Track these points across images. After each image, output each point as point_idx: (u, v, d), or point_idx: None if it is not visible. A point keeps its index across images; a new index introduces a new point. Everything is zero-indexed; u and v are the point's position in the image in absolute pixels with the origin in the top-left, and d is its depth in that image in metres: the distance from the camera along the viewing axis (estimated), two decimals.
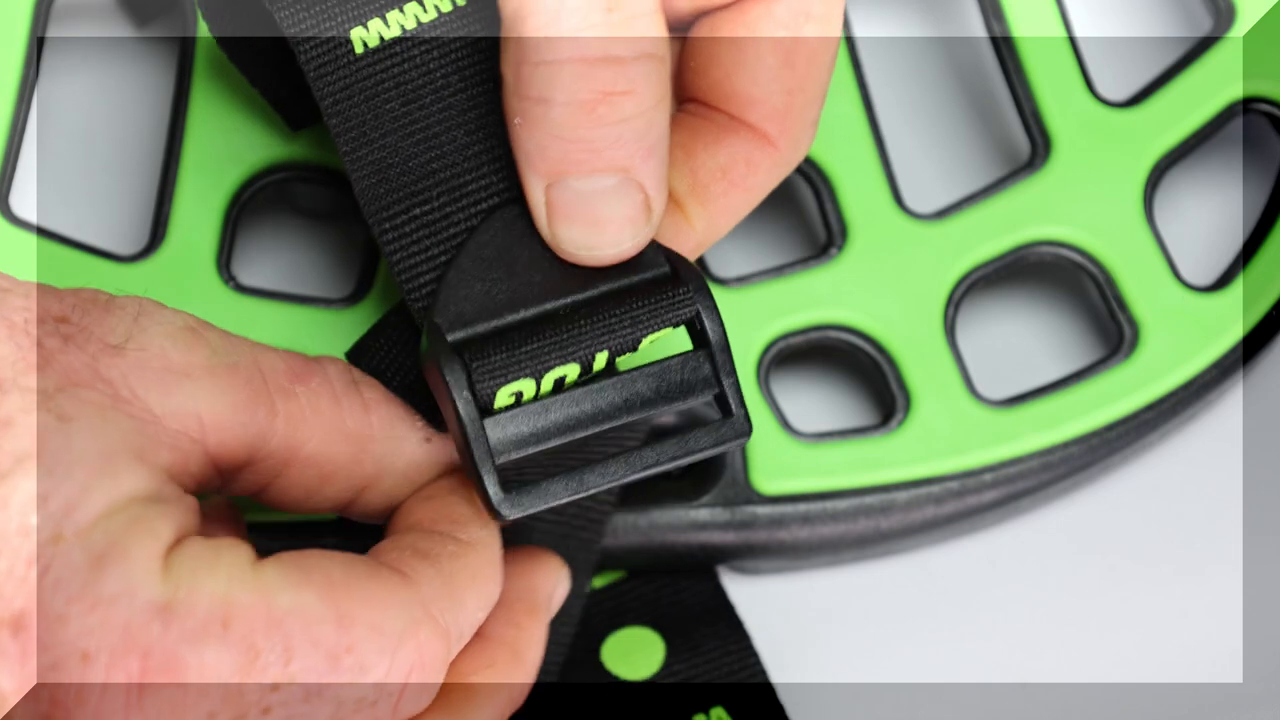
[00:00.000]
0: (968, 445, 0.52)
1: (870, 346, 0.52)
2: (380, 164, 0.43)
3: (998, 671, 0.53)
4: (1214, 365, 0.52)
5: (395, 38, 0.42)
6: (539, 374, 0.42)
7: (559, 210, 0.41)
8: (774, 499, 0.51)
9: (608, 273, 0.42)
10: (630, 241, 0.42)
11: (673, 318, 0.42)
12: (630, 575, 0.53)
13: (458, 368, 0.41)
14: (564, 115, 0.40)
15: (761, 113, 0.44)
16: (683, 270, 0.42)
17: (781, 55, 0.43)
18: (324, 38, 0.42)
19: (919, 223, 0.52)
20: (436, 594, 0.40)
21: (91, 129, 0.55)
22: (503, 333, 0.42)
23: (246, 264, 0.53)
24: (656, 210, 0.42)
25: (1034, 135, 0.52)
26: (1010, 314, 0.55)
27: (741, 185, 0.44)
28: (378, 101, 0.43)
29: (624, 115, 0.40)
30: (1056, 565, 0.54)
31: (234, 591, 0.38)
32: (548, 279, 0.42)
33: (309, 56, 0.42)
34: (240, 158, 0.50)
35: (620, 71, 0.40)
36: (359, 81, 0.42)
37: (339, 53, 0.42)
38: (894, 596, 0.53)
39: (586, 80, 0.40)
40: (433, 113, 0.43)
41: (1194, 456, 0.54)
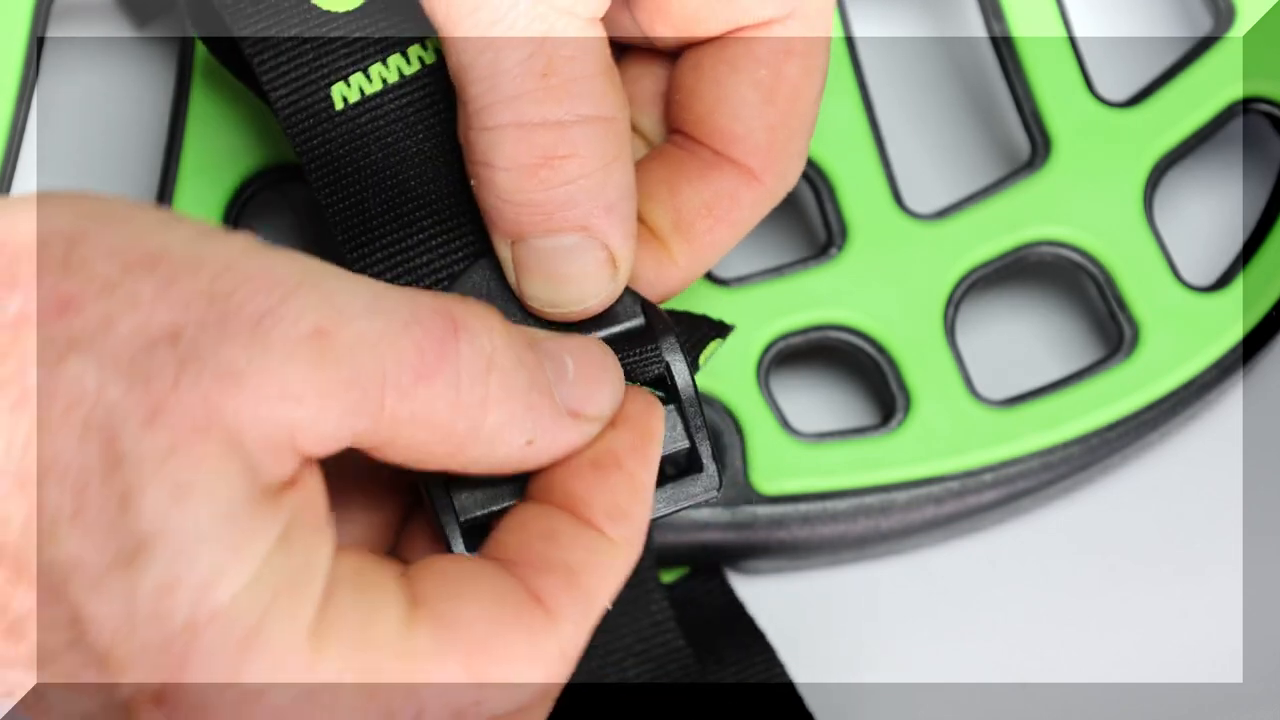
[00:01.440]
0: (968, 445, 0.52)
1: (870, 346, 0.52)
2: (360, 215, 0.43)
3: (998, 671, 0.53)
4: (1214, 365, 0.52)
5: (375, 92, 0.43)
6: None
7: (523, 267, 0.42)
8: (774, 499, 0.51)
9: (582, 325, 0.42)
10: (595, 298, 0.42)
11: (641, 375, 0.42)
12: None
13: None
14: (508, 180, 0.41)
15: (745, 149, 0.44)
16: (656, 323, 0.42)
17: (764, 92, 0.43)
18: (303, 95, 0.42)
19: (919, 223, 0.52)
20: (575, 630, 0.39)
21: (91, 129, 0.55)
22: None
23: None
24: (623, 265, 0.42)
25: (1034, 135, 0.52)
26: (1010, 314, 0.55)
27: (726, 220, 0.44)
28: (357, 155, 0.43)
29: (569, 177, 0.41)
30: (1056, 565, 0.54)
31: (384, 663, 0.37)
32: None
33: (286, 114, 0.42)
34: (240, 158, 0.50)
35: (561, 135, 0.40)
36: (338, 136, 0.43)
37: (318, 109, 0.42)
38: (894, 596, 0.53)
39: (526, 145, 0.40)
40: (413, 164, 0.43)
41: (1194, 456, 0.54)
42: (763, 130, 0.43)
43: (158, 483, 0.35)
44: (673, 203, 0.44)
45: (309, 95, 0.43)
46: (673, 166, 0.44)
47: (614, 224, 0.41)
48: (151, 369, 0.35)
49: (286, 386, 0.36)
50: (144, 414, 0.35)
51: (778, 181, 0.44)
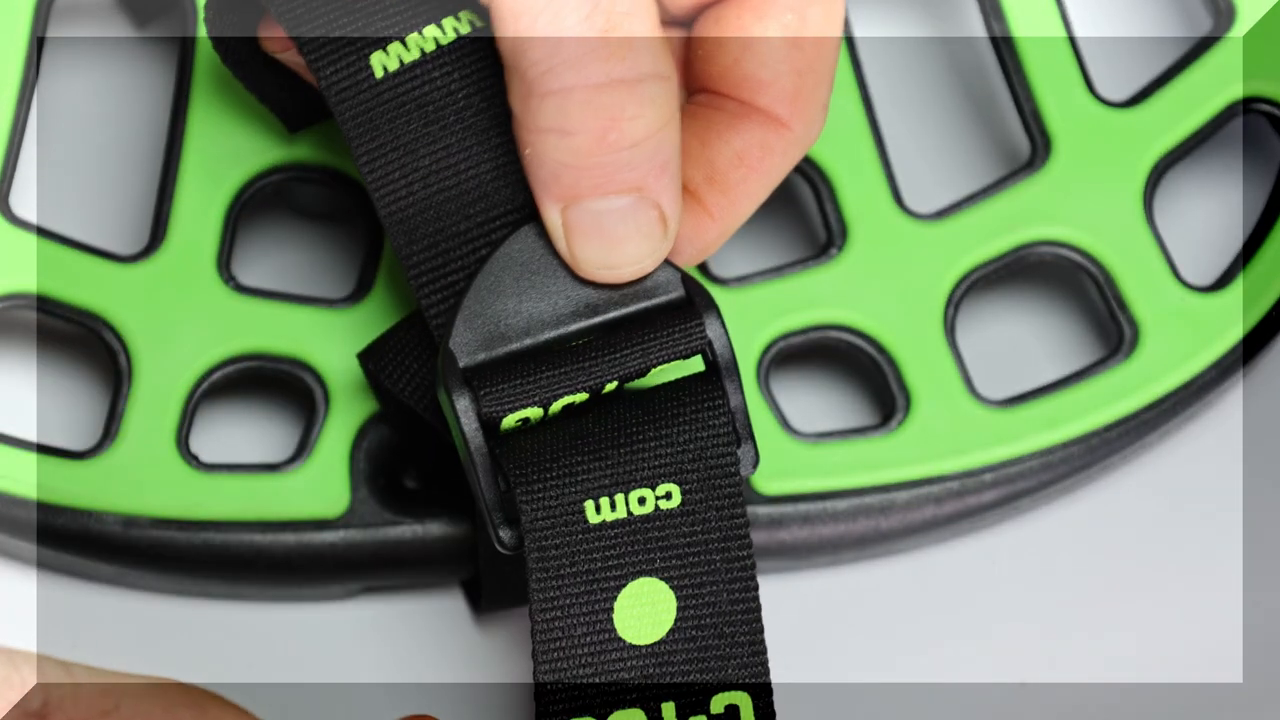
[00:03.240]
0: (968, 445, 0.52)
1: (870, 346, 0.52)
2: (402, 182, 0.43)
3: (998, 671, 0.53)
4: (1214, 365, 0.52)
5: (414, 61, 0.43)
6: (547, 403, 0.42)
7: (576, 231, 0.42)
8: (774, 499, 0.51)
9: (623, 297, 0.43)
10: (649, 258, 0.42)
11: (685, 349, 0.42)
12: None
13: (467, 397, 0.42)
14: (577, 144, 0.41)
15: (772, 96, 0.44)
16: (696, 296, 0.43)
17: (789, 38, 0.44)
18: (344, 64, 0.43)
19: (919, 223, 0.52)
20: None
21: (92, 129, 0.55)
22: (515, 359, 0.42)
23: (246, 264, 0.53)
24: (672, 225, 0.42)
25: (1034, 135, 0.52)
26: (1010, 314, 0.55)
27: (758, 170, 0.44)
28: (399, 124, 0.43)
29: (635, 139, 0.41)
30: (1056, 565, 0.54)
31: None
32: (563, 304, 0.43)
33: (330, 82, 0.43)
34: (240, 158, 0.50)
35: (629, 95, 0.40)
36: (379, 105, 0.43)
37: (359, 78, 0.43)
38: (894, 596, 0.53)
39: (594, 108, 0.40)
40: (454, 133, 0.43)
41: (1194, 456, 0.54)
42: (790, 75, 0.44)
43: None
44: (704, 156, 0.44)
45: (349, 64, 0.43)
46: (701, 122, 0.44)
47: (666, 184, 0.42)
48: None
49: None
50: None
51: (806, 129, 0.44)
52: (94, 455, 0.49)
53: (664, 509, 0.42)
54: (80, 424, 0.53)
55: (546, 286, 0.43)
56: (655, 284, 0.43)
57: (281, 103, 0.49)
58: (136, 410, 0.49)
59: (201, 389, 0.50)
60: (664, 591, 0.41)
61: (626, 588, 0.41)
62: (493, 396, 0.42)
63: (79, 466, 0.49)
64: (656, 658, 0.41)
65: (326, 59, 0.43)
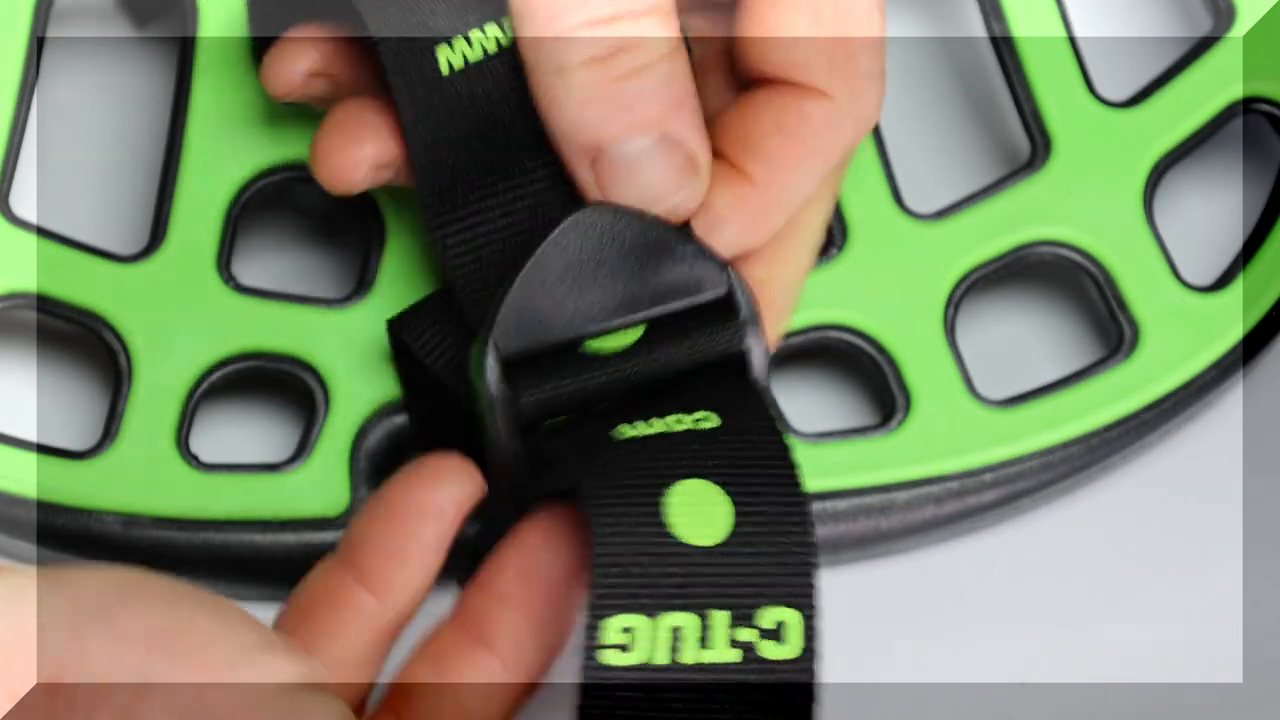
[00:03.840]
0: (968, 445, 0.52)
1: (870, 346, 0.52)
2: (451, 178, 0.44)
3: (998, 671, 0.53)
4: (1214, 365, 0.52)
5: (478, 60, 0.43)
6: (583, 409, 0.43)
7: (606, 181, 0.42)
8: None
9: (667, 291, 0.43)
10: (682, 195, 0.43)
11: (716, 348, 0.43)
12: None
13: (506, 393, 0.42)
14: (583, 77, 0.41)
15: (807, 72, 0.44)
16: (740, 298, 0.43)
17: (809, 14, 0.43)
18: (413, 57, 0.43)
19: (919, 222, 0.52)
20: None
21: (92, 129, 0.55)
22: (554, 357, 0.43)
23: (247, 264, 0.53)
24: (703, 163, 0.43)
25: (1034, 135, 0.52)
26: (1010, 314, 0.55)
27: (797, 136, 0.44)
28: (457, 119, 0.44)
29: (640, 63, 0.41)
30: (1057, 565, 0.53)
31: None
32: (606, 298, 0.43)
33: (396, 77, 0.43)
34: (240, 158, 0.50)
35: (632, 24, 0.41)
36: (443, 101, 0.44)
37: (426, 71, 0.43)
38: (894, 596, 0.53)
39: (593, 41, 0.41)
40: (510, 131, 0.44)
41: (1194, 456, 0.54)
42: (818, 52, 0.44)
43: None
44: (742, 127, 0.44)
45: (417, 58, 0.43)
46: (743, 99, 0.44)
47: (685, 118, 0.42)
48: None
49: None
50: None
51: (849, 98, 0.44)
52: (94, 455, 0.49)
53: (704, 429, 0.42)
54: (80, 424, 0.53)
55: (589, 282, 0.43)
56: (700, 278, 0.43)
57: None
58: (136, 410, 0.49)
59: (201, 389, 0.50)
60: (718, 495, 0.40)
61: (677, 485, 0.40)
62: (531, 398, 0.43)
63: (79, 466, 0.49)
64: (712, 562, 0.40)
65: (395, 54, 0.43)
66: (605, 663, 0.38)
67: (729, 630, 0.39)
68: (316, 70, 0.46)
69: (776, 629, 0.40)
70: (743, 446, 0.41)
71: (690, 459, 0.41)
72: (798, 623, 0.40)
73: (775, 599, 0.40)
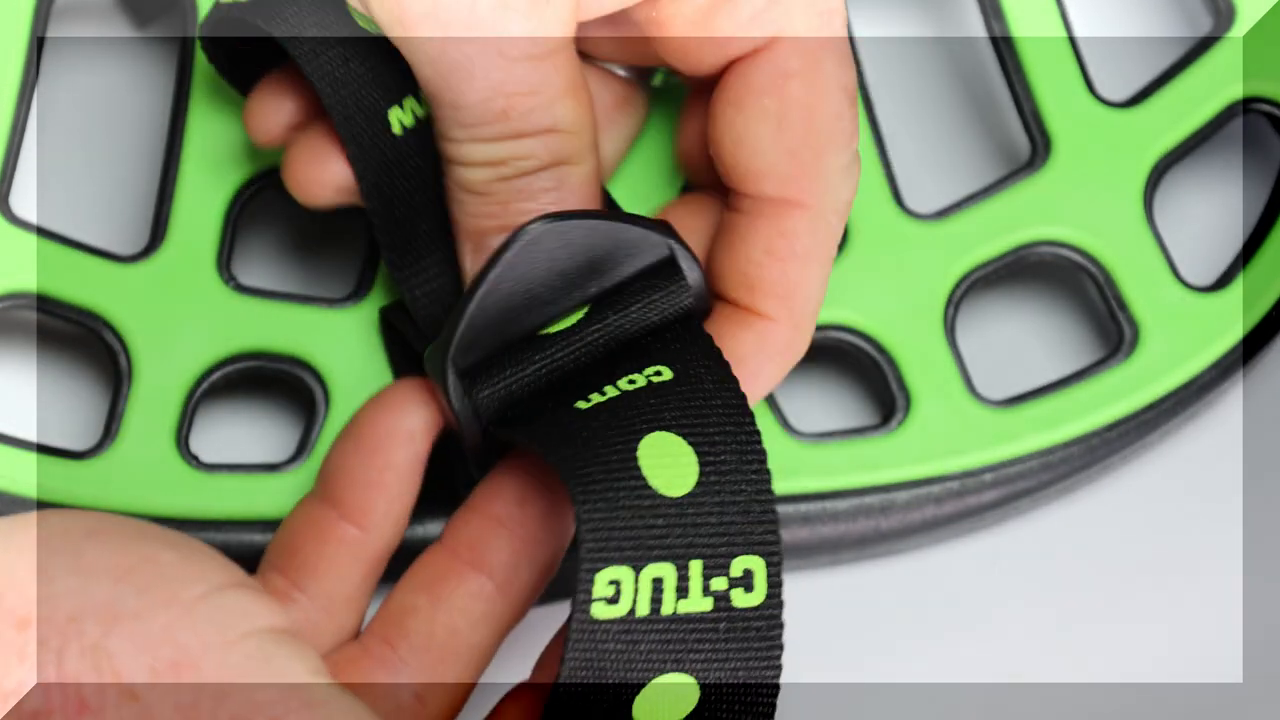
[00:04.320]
0: (968, 445, 0.52)
1: (870, 346, 0.52)
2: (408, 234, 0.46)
3: (998, 671, 0.53)
4: (1214, 365, 0.52)
5: (427, 116, 0.44)
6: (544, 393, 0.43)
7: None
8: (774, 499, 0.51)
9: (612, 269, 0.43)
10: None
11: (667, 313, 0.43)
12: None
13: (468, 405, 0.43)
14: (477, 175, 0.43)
15: (776, 181, 0.44)
16: (681, 258, 0.43)
17: (773, 121, 0.43)
18: (366, 121, 0.45)
19: (919, 223, 0.52)
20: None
21: (92, 129, 0.55)
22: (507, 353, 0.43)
23: (247, 264, 0.53)
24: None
25: (1034, 135, 0.52)
26: (1010, 314, 0.55)
27: (791, 257, 0.44)
28: (410, 177, 0.45)
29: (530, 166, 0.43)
30: (1056, 565, 0.54)
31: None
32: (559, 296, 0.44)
33: (348, 137, 0.45)
34: (241, 158, 0.50)
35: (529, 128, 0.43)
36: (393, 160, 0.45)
37: (376, 133, 0.45)
38: (894, 596, 0.53)
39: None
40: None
41: (1194, 456, 0.54)
42: (784, 157, 0.43)
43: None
44: (737, 268, 0.44)
45: (368, 120, 0.44)
46: (727, 233, 0.44)
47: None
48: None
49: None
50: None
51: (821, 200, 0.44)
52: (94, 455, 0.49)
53: (658, 382, 0.42)
54: (80, 424, 0.53)
55: (542, 288, 0.43)
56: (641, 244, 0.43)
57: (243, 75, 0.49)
58: (136, 410, 0.49)
59: (201, 389, 0.50)
60: (683, 446, 0.41)
61: (644, 440, 0.41)
62: (484, 393, 0.43)
63: (79, 466, 0.49)
64: (685, 511, 0.41)
65: (344, 113, 0.45)
66: (595, 616, 0.39)
67: (704, 579, 0.40)
68: (296, 123, 0.47)
69: (744, 576, 0.41)
70: (697, 395, 0.42)
71: (651, 413, 0.41)
72: (762, 570, 0.41)
73: (744, 547, 0.41)
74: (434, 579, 0.42)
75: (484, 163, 0.42)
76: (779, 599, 0.41)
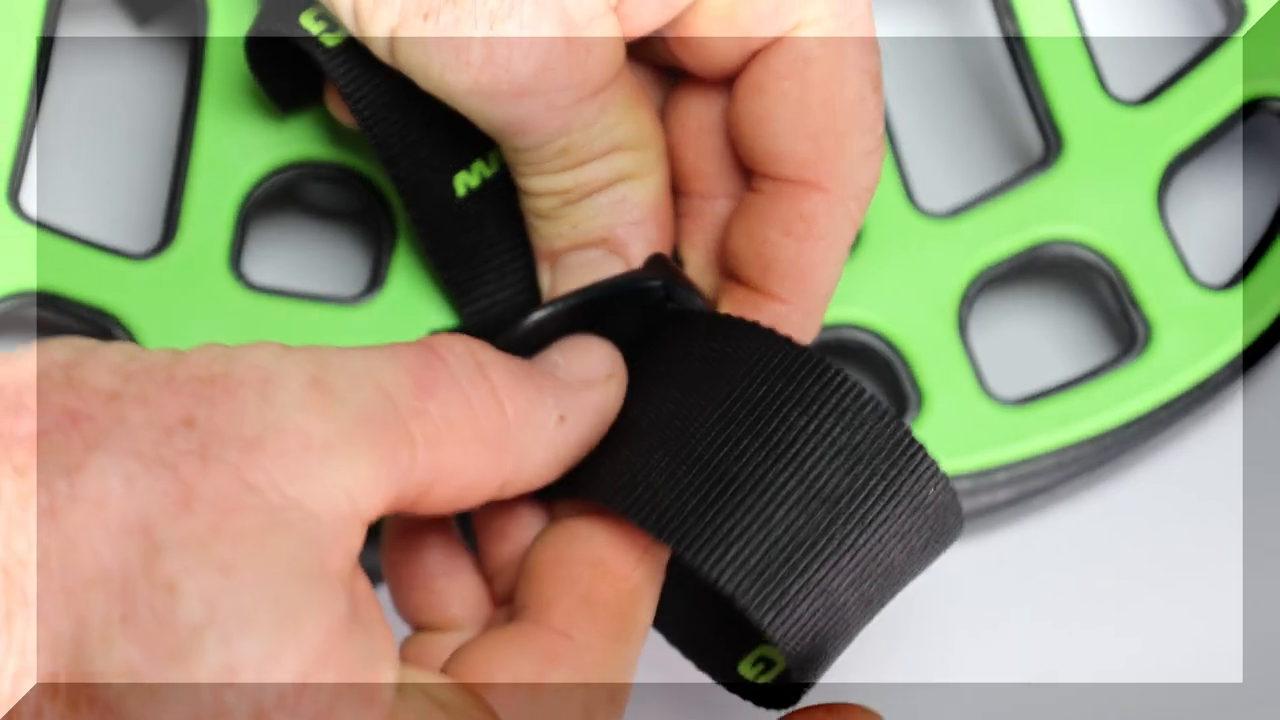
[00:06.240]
0: (980, 444, 0.52)
1: (883, 345, 0.52)
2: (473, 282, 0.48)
3: (1004, 671, 0.53)
4: (1227, 364, 0.52)
5: (493, 175, 0.46)
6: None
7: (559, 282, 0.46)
8: None
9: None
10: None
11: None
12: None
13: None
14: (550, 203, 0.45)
15: (796, 165, 0.44)
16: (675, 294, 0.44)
17: (794, 105, 0.43)
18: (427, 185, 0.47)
19: (932, 221, 0.52)
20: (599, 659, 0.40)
21: (103, 127, 0.54)
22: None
23: (258, 262, 0.53)
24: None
25: (1047, 134, 0.52)
26: (1023, 313, 0.55)
27: (808, 238, 0.44)
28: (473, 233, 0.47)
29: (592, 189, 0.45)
30: (1067, 565, 0.54)
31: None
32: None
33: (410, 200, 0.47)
34: (251, 155, 0.50)
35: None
36: (459, 221, 0.47)
37: (441, 196, 0.47)
38: (904, 595, 0.53)
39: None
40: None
41: (1208, 455, 0.54)
42: (806, 142, 0.43)
43: (202, 567, 0.34)
44: (754, 248, 0.44)
45: (434, 184, 0.46)
46: (746, 213, 0.45)
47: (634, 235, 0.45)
48: (175, 455, 0.35)
49: (308, 438, 0.36)
50: (176, 499, 0.34)
51: (842, 185, 0.44)
52: None
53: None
54: None
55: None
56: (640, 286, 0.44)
57: (280, 88, 0.49)
58: None
59: None
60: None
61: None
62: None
63: None
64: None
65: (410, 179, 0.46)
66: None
67: None
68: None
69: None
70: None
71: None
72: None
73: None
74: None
75: (549, 193, 0.44)
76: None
